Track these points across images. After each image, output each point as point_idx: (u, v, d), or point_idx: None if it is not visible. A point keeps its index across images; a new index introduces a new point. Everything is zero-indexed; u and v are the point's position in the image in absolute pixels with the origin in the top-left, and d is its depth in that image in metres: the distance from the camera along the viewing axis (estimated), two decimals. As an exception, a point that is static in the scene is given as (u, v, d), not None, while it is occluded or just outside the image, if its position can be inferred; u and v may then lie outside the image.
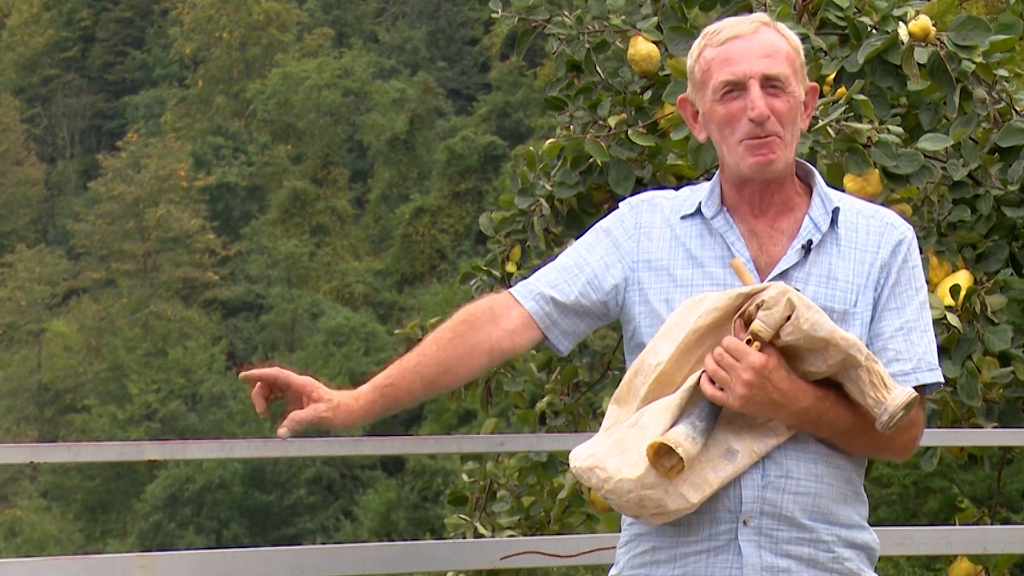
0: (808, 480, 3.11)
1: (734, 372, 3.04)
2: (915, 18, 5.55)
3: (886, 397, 3.04)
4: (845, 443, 3.14)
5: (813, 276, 3.16)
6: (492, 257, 6.05)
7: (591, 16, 6.01)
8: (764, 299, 3.04)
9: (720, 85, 3.18)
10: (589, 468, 3.09)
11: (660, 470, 3.02)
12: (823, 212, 3.21)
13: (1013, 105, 5.63)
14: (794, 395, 3.06)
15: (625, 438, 3.08)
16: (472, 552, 4.59)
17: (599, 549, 4.56)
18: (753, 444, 3.08)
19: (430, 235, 52.75)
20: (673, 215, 3.26)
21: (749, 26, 3.21)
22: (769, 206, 3.21)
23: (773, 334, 3.03)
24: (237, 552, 4.22)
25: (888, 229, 3.22)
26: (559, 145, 5.90)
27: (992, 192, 5.58)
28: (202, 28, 65.60)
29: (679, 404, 3.06)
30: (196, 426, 48.22)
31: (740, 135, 3.16)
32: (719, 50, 3.20)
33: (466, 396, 6.33)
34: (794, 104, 3.18)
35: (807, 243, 3.17)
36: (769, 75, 3.16)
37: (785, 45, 3.21)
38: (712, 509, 3.09)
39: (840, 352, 3.04)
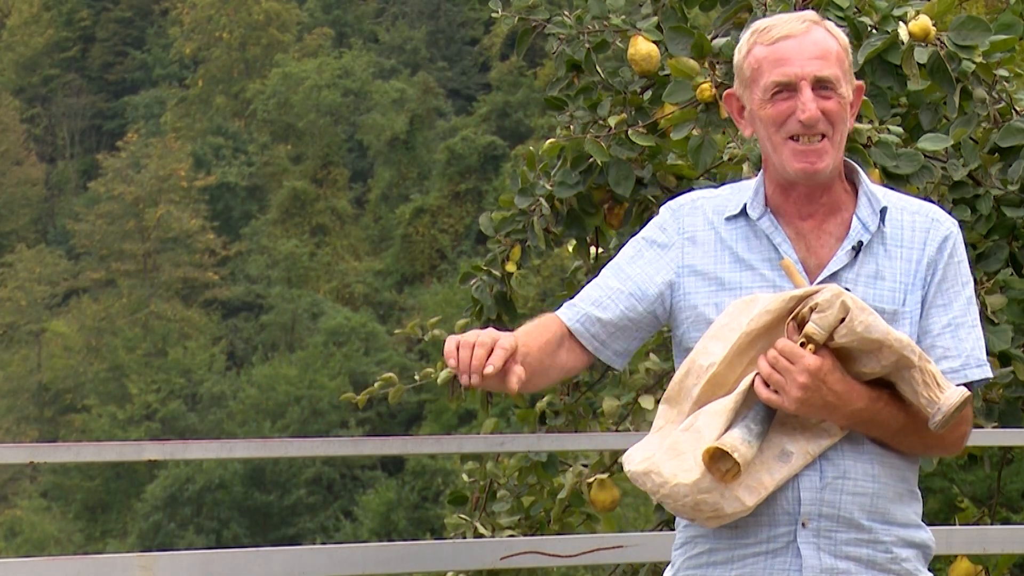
0: (865, 480, 3.11)
1: (789, 375, 3.04)
2: (915, 18, 5.54)
3: (939, 397, 3.05)
4: (898, 442, 3.14)
5: (862, 277, 3.15)
6: (492, 257, 6.05)
7: (591, 16, 6.01)
8: (818, 302, 3.04)
9: (771, 85, 3.16)
10: (644, 472, 3.09)
11: (716, 474, 3.03)
12: (871, 212, 3.19)
13: (1013, 105, 5.63)
14: (848, 396, 3.06)
15: (679, 442, 3.08)
16: (472, 552, 4.59)
17: (599, 549, 4.56)
18: (807, 445, 3.09)
19: (430, 235, 52.76)
20: (716, 216, 3.23)
21: (801, 25, 3.18)
22: (816, 208, 3.19)
23: (827, 336, 3.04)
24: (237, 552, 4.22)
25: (934, 225, 3.21)
26: (559, 145, 5.89)
27: (992, 192, 5.58)
28: (202, 28, 65.60)
29: (733, 407, 3.07)
30: (196, 426, 48.23)
31: (787, 133, 3.14)
32: (770, 49, 3.17)
33: (466, 396, 6.33)
34: (844, 105, 3.16)
35: (857, 244, 3.16)
36: (820, 77, 3.14)
37: (835, 45, 3.18)
38: (770, 511, 3.10)
39: (894, 353, 3.04)
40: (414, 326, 6.47)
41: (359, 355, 48.25)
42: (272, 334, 52.88)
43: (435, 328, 6.34)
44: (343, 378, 46.71)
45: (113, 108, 66.46)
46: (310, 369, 47.53)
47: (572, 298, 3.30)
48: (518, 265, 5.99)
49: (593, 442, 5.65)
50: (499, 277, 6.03)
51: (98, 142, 64.96)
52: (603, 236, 6.27)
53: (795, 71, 3.14)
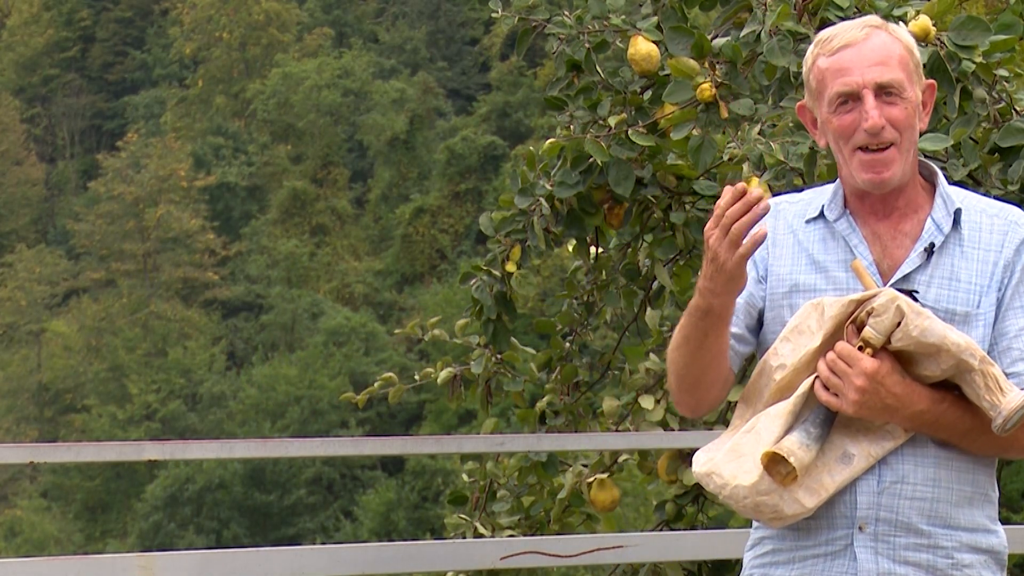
0: (925, 485, 3.11)
1: (847, 378, 3.05)
2: (915, 18, 5.54)
3: (1000, 400, 3.05)
4: (967, 444, 3.13)
5: (936, 278, 3.15)
6: (492, 257, 6.04)
7: (591, 16, 6.00)
8: (874, 306, 3.06)
9: (834, 97, 3.16)
10: (707, 474, 3.13)
11: (776, 477, 3.06)
12: (945, 213, 3.19)
13: (1013, 105, 5.63)
14: (908, 399, 3.07)
15: (740, 444, 3.12)
16: (472, 552, 4.59)
17: (599, 549, 4.57)
18: (870, 447, 3.10)
19: (430, 235, 52.77)
20: (796, 220, 3.25)
21: (860, 32, 3.17)
22: (892, 209, 3.19)
23: (884, 340, 3.05)
24: (237, 552, 4.22)
25: (1012, 228, 3.20)
26: (559, 145, 5.89)
27: (992, 192, 5.57)
28: (202, 28, 65.60)
29: (793, 410, 3.09)
30: (196, 426, 48.24)
31: (855, 144, 3.14)
32: (832, 60, 3.17)
33: (466, 396, 6.33)
34: (911, 109, 3.16)
35: (929, 246, 3.16)
36: (882, 83, 3.14)
37: (898, 48, 3.18)
38: (829, 514, 3.11)
39: (952, 357, 3.05)
40: (414, 326, 6.47)
41: (359, 355, 48.26)
42: (272, 334, 52.88)
43: (435, 328, 6.34)
44: (343, 378, 46.71)
45: (113, 108, 66.46)
46: (310, 369, 47.54)
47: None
48: (518, 265, 5.99)
49: (593, 442, 5.65)
50: (499, 277, 6.03)
51: (98, 142, 64.96)
52: (603, 236, 6.27)
53: (856, 80, 3.14)
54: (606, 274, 6.41)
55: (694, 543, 5.15)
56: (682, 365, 3.19)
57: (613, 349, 6.50)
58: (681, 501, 6.02)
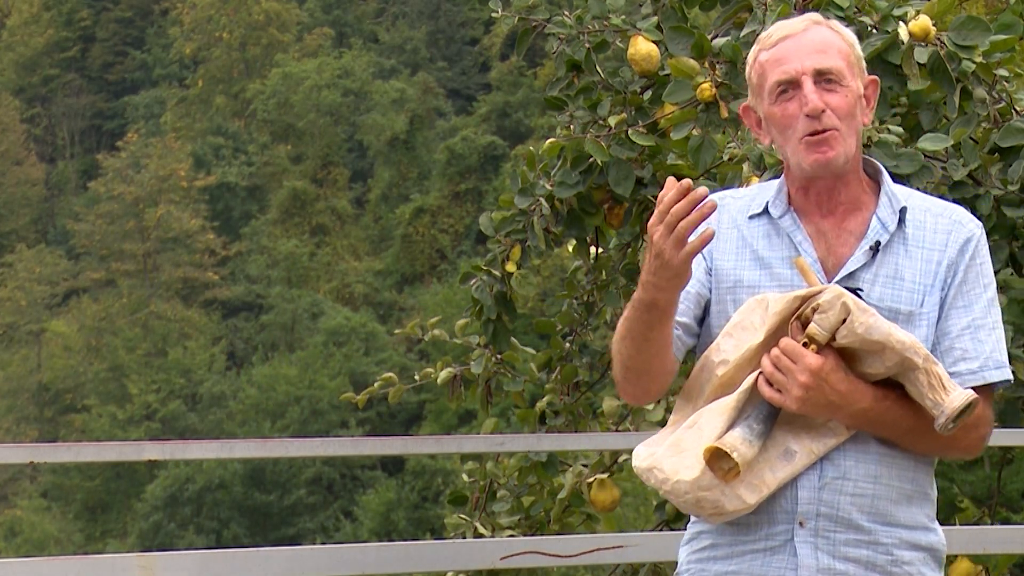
0: (866, 481, 3.11)
1: (791, 374, 3.05)
2: (915, 18, 5.54)
3: (944, 399, 3.04)
4: (908, 443, 3.13)
5: (880, 277, 3.15)
6: (492, 257, 6.05)
7: (591, 16, 6.00)
8: (820, 303, 3.05)
9: (774, 86, 3.18)
10: (648, 469, 3.12)
11: (718, 473, 3.05)
12: (890, 211, 3.20)
13: (1013, 105, 5.63)
14: (852, 396, 3.06)
15: (682, 439, 3.10)
16: (472, 552, 4.59)
17: (599, 549, 4.57)
18: (812, 444, 3.09)
19: (430, 235, 52.76)
20: (740, 215, 3.25)
21: (800, 25, 3.21)
22: (836, 205, 3.19)
23: (829, 337, 3.05)
24: (237, 552, 4.22)
25: (956, 227, 3.20)
26: (559, 145, 5.89)
27: (992, 192, 5.57)
28: (202, 28, 65.60)
29: (735, 406, 3.08)
30: (196, 426, 48.23)
31: (799, 133, 3.15)
32: (771, 52, 3.19)
33: (466, 396, 6.33)
34: (851, 98, 3.16)
35: (875, 244, 3.16)
36: (821, 69, 3.15)
37: (838, 40, 3.20)
38: (769, 510, 3.10)
39: (896, 355, 3.04)
40: (414, 326, 6.48)
41: (359, 355, 48.25)
42: (272, 334, 52.88)
43: (435, 328, 6.34)
44: (343, 378, 46.71)
45: (113, 108, 66.46)
46: (310, 369, 47.54)
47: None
48: (518, 265, 5.99)
49: (593, 442, 5.65)
50: (499, 277, 6.03)
51: (98, 142, 64.96)
52: (603, 236, 6.27)
53: (795, 67, 3.16)
54: (606, 274, 6.41)
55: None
56: (627, 356, 3.17)
57: (613, 349, 6.49)
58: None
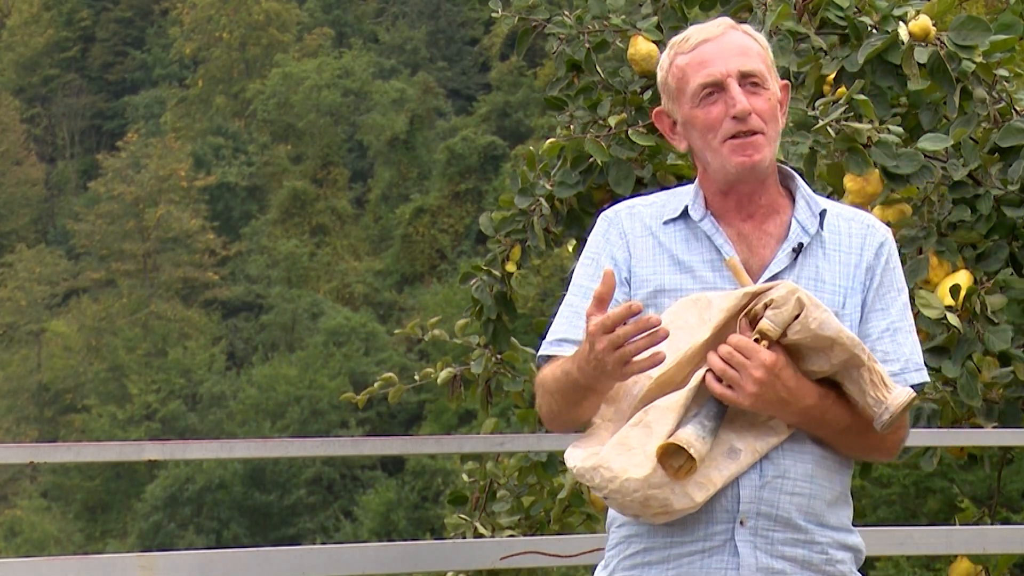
0: (804, 481, 3.10)
1: (744, 370, 3.03)
2: (915, 18, 5.54)
3: (887, 397, 3.05)
4: (840, 442, 3.14)
5: (802, 279, 3.15)
6: (492, 257, 6.05)
7: (591, 16, 6.01)
8: (773, 298, 3.03)
9: (698, 88, 3.16)
10: (593, 468, 3.07)
11: (668, 470, 3.02)
12: (810, 215, 3.20)
13: (1013, 105, 5.63)
14: (800, 393, 3.06)
15: (628, 437, 3.06)
16: (472, 552, 4.59)
17: (599, 549, 4.55)
18: (755, 443, 3.08)
19: (430, 235, 52.76)
20: (654, 221, 3.23)
21: (717, 28, 3.20)
22: (756, 209, 3.19)
23: (781, 333, 3.03)
24: (237, 552, 4.22)
25: (870, 232, 3.23)
26: (559, 145, 5.89)
27: (992, 192, 5.57)
28: (202, 28, 65.61)
29: (684, 403, 3.05)
30: (196, 426, 48.24)
31: (723, 135, 3.14)
32: (691, 55, 3.18)
33: (466, 396, 6.33)
34: (773, 101, 3.17)
35: (798, 246, 3.17)
36: (746, 72, 3.15)
37: (755, 44, 3.20)
38: (709, 509, 3.08)
39: (845, 351, 3.04)
40: (414, 326, 6.48)
41: (359, 355, 48.25)
42: (272, 334, 52.88)
43: (435, 328, 6.34)
44: (343, 378, 46.71)
45: (113, 108, 66.47)
46: (310, 369, 47.54)
47: (545, 336, 3.25)
48: (518, 265, 5.99)
49: (593, 442, 5.64)
50: (499, 277, 6.03)
51: (98, 142, 64.97)
52: (603, 236, 6.26)
53: (720, 69, 3.15)
54: (606, 274, 6.40)
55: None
56: (556, 410, 3.16)
57: (613, 349, 6.49)
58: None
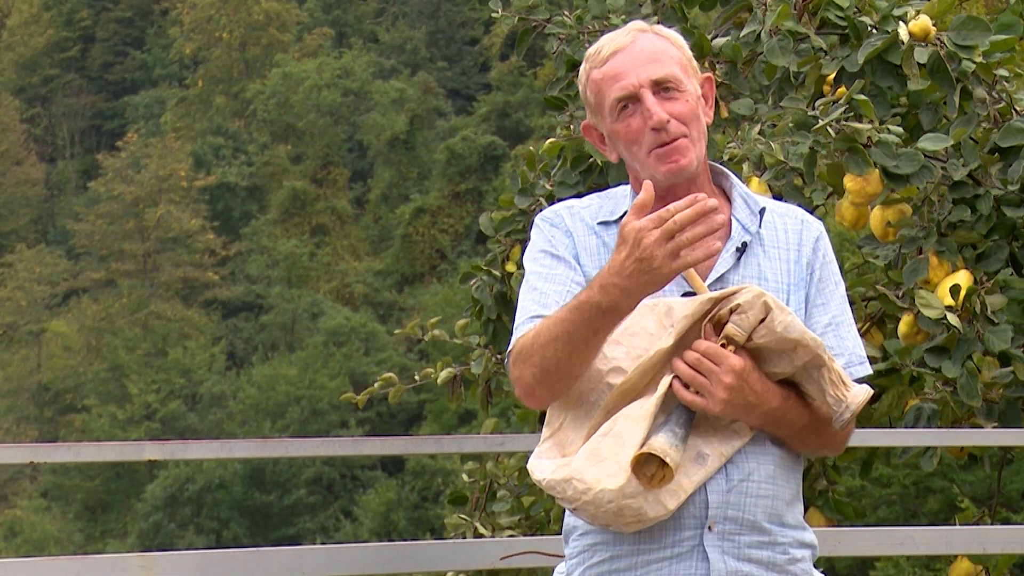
0: (767, 482, 3.10)
1: (714, 376, 3.00)
2: (915, 18, 5.54)
3: (846, 396, 3.05)
4: (796, 441, 3.13)
5: (747, 278, 3.14)
6: (492, 257, 6.05)
7: (591, 16, 6.01)
8: (740, 303, 3.01)
9: (614, 103, 3.15)
10: (565, 480, 3.03)
11: (642, 480, 2.99)
12: (749, 213, 3.19)
13: (1013, 105, 5.63)
14: (766, 396, 3.05)
15: (600, 448, 3.03)
16: (472, 552, 4.59)
17: (599, 549, 4.55)
18: (721, 447, 3.07)
19: (430, 235, 52.76)
20: (593, 221, 3.21)
21: (627, 37, 3.18)
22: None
23: (747, 337, 3.02)
24: (237, 552, 4.22)
25: (805, 226, 3.22)
26: (559, 145, 5.90)
27: (992, 192, 5.58)
28: (202, 28, 65.60)
29: (653, 411, 3.02)
30: (196, 426, 48.23)
31: (647, 147, 3.13)
32: (604, 68, 3.16)
33: (466, 396, 6.33)
34: (692, 102, 3.15)
35: (741, 245, 3.15)
36: (657, 79, 3.13)
37: (666, 45, 3.18)
38: (677, 516, 3.05)
39: (808, 352, 3.03)
40: (414, 326, 6.48)
41: (359, 355, 48.25)
42: (272, 334, 52.88)
43: (435, 328, 6.34)
44: (343, 378, 46.71)
45: (113, 108, 66.46)
46: (310, 369, 47.53)
47: (517, 319, 3.19)
48: (518, 265, 6.00)
49: (593, 442, 5.64)
50: (499, 277, 6.04)
51: (98, 142, 64.97)
52: (603, 236, 6.26)
53: (632, 82, 3.13)
54: (606, 274, 6.40)
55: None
56: (555, 360, 3.05)
57: (613, 349, 6.49)
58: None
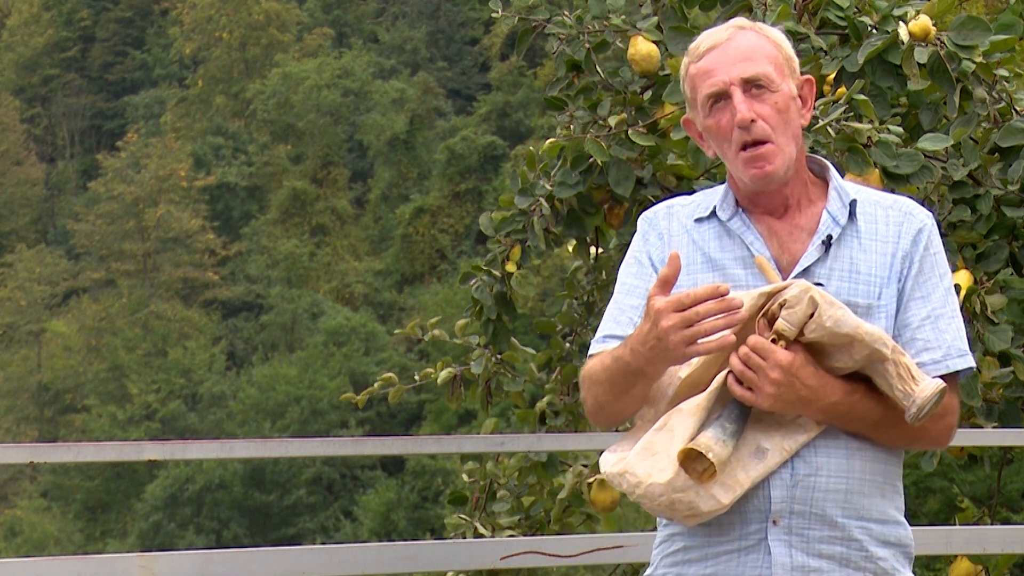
0: (838, 476, 3.09)
1: (761, 372, 3.03)
2: (915, 18, 5.54)
3: (914, 389, 3.03)
4: (878, 435, 3.12)
5: (835, 271, 3.15)
6: (492, 257, 6.05)
7: (591, 16, 6.01)
8: (787, 298, 3.04)
9: (705, 99, 3.18)
10: (620, 473, 3.09)
11: (692, 474, 3.03)
12: (840, 206, 3.19)
13: (1013, 105, 5.63)
14: (822, 391, 3.05)
15: (653, 442, 3.08)
16: (472, 552, 4.59)
17: (599, 549, 4.57)
18: (783, 442, 3.08)
19: (430, 235, 52.76)
20: (688, 220, 3.25)
21: (724, 33, 3.20)
22: (786, 206, 3.19)
23: (797, 332, 3.03)
24: (237, 552, 4.22)
25: (907, 219, 3.20)
26: (559, 145, 5.89)
27: (992, 192, 5.58)
28: (202, 28, 65.59)
29: (706, 406, 3.06)
30: (196, 426, 48.23)
31: (735, 145, 3.15)
32: (699, 64, 3.19)
33: (466, 396, 6.33)
34: (783, 101, 3.16)
35: (827, 238, 3.16)
36: (748, 78, 3.15)
37: (764, 43, 3.19)
38: (743, 509, 3.08)
39: (865, 347, 3.03)
40: (414, 326, 6.47)
41: (359, 355, 48.25)
42: (272, 334, 52.88)
43: (435, 328, 6.34)
44: (343, 378, 46.72)
45: (113, 108, 66.46)
46: (310, 369, 47.54)
47: (596, 333, 3.27)
48: (518, 265, 5.99)
49: (593, 442, 5.65)
50: (499, 277, 6.03)
51: (98, 142, 64.96)
52: (603, 236, 6.27)
53: (722, 78, 3.16)
54: (606, 274, 6.41)
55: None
56: (603, 401, 3.17)
57: (613, 349, 6.49)
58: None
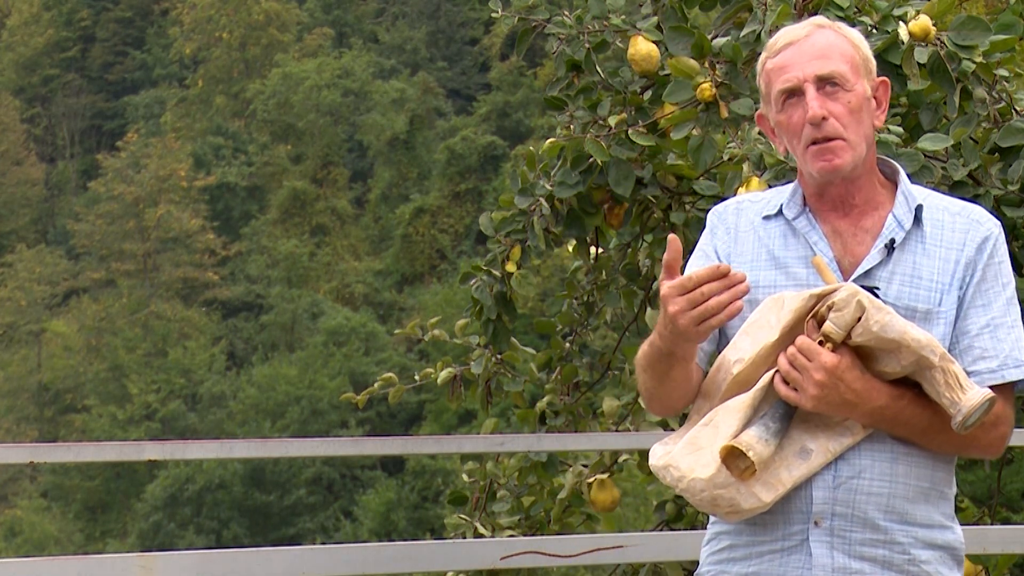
0: (881, 480, 3.10)
1: (806, 372, 3.04)
2: (915, 18, 5.54)
3: (961, 398, 3.03)
4: (926, 441, 3.12)
5: (897, 275, 3.15)
6: (492, 257, 6.04)
7: (591, 16, 6.00)
8: (835, 301, 3.05)
9: (779, 95, 3.20)
10: (664, 467, 3.11)
11: (734, 471, 3.04)
12: (906, 210, 3.19)
13: (1013, 105, 5.62)
14: (868, 395, 3.05)
15: (698, 437, 3.10)
16: (472, 552, 4.59)
17: (599, 549, 4.57)
18: (828, 443, 3.08)
19: (430, 235, 52.76)
20: (756, 217, 3.27)
21: (803, 30, 3.22)
22: (852, 206, 3.20)
23: (844, 335, 3.04)
24: (237, 552, 4.22)
25: (974, 226, 3.19)
26: (559, 145, 5.89)
27: (992, 192, 5.57)
28: (202, 28, 65.60)
29: (751, 403, 3.08)
30: (196, 426, 48.24)
31: (805, 141, 3.16)
32: (776, 60, 3.22)
33: (466, 396, 6.33)
34: (856, 101, 3.16)
35: (890, 242, 3.16)
36: (822, 75, 3.16)
37: (842, 42, 3.20)
38: (785, 509, 3.10)
39: (912, 353, 3.03)
40: (414, 326, 6.47)
41: (359, 355, 48.26)
42: (272, 334, 52.88)
43: (435, 328, 6.34)
44: (343, 378, 46.72)
45: (113, 108, 66.46)
46: (310, 369, 47.55)
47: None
48: (518, 265, 5.99)
49: (593, 442, 5.65)
50: (499, 277, 6.03)
51: (98, 142, 64.96)
52: (603, 236, 6.27)
53: (797, 75, 3.17)
54: (606, 274, 6.41)
55: (694, 543, 5.13)
56: (650, 386, 3.21)
57: (613, 349, 6.51)
58: (681, 501, 6.02)
